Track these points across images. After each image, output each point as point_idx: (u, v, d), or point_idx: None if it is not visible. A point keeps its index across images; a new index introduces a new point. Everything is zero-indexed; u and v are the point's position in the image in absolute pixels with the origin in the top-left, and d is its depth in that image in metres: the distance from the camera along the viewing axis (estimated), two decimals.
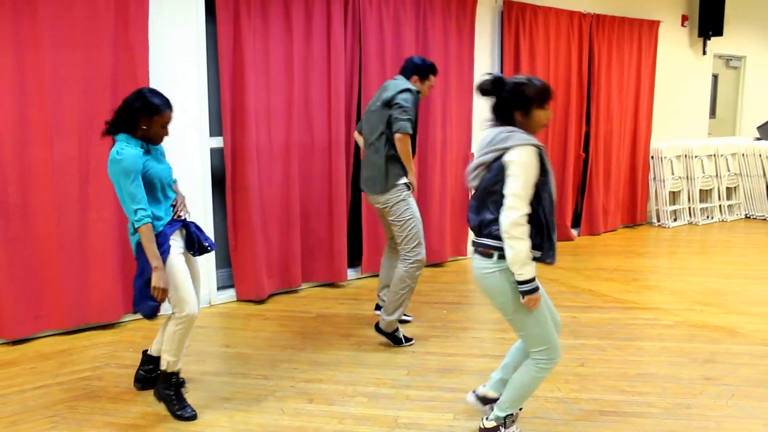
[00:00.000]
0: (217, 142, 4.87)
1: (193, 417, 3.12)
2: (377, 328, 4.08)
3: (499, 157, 2.52)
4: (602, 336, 4.20)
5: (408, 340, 4.10)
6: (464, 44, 5.88)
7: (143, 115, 2.94)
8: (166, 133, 3.03)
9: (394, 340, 4.07)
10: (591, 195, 7.18)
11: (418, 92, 4.00)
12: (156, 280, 2.88)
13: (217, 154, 4.92)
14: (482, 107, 6.24)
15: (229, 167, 4.81)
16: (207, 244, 3.23)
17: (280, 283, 5.18)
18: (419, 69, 4.07)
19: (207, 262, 4.87)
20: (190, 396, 3.33)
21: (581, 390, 3.42)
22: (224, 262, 5.09)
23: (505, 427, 2.78)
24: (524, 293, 2.50)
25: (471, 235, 5.92)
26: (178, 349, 3.10)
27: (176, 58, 4.57)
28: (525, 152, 2.47)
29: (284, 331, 4.38)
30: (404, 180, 3.96)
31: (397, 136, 3.85)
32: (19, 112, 3.97)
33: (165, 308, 3.18)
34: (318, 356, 3.93)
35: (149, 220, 2.91)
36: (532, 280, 2.49)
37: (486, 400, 2.98)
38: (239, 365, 3.81)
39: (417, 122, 3.96)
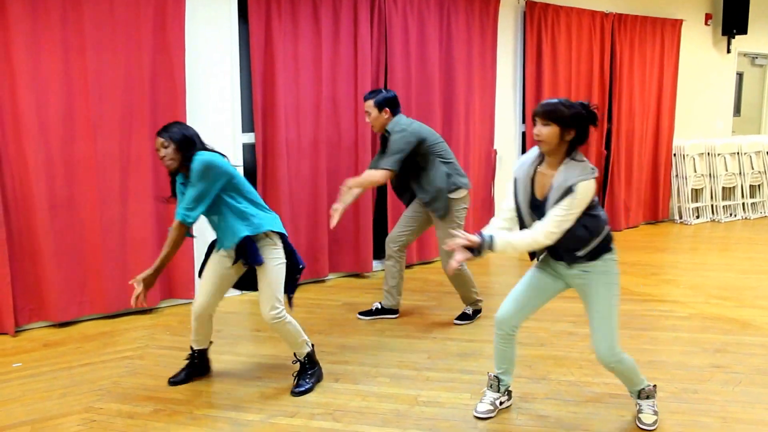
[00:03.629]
0: (249, 138, 5.11)
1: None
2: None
3: None
4: None
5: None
6: (487, 43, 6.06)
7: None
8: (161, 157, 3.16)
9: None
10: (612, 192, 7.30)
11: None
12: None
13: (249, 150, 5.17)
14: (504, 105, 6.40)
15: (260, 162, 5.05)
16: None
17: (308, 273, 5.41)
18: None
19: None
20: (225, 375, 3.59)
21: (594, 375, 3.58)
22: None
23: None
24: None
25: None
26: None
27: (211, 59, 4.82)
28: None
29: (313, 317, 4.60)
30: None
31: None
32: (66, 110, 4.25)
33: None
34: (344, 341, 4.15)
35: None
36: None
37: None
38: (270, 348, 4.04)
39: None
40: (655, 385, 3.11)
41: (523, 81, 6.47)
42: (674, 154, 7.89)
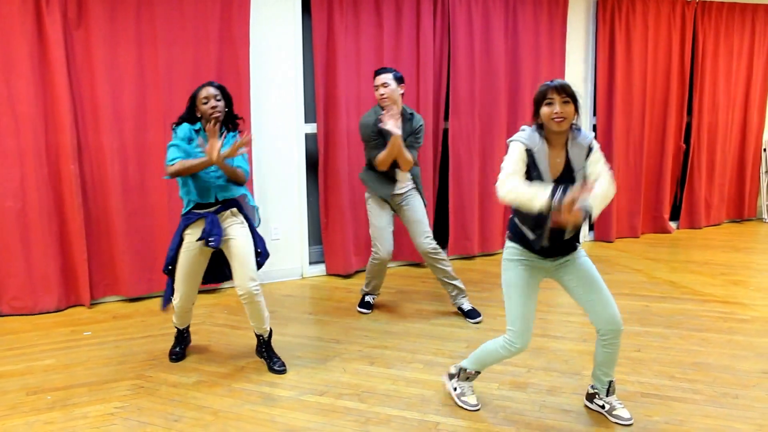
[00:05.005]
0: (312, 128, 5.30)
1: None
2: None
3: None
4: (668, 325, 4.23)
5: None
6: (556, 36, 5.96)
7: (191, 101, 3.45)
8: (213, 106, 3.34)
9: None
10: (692, 187, 7.00)
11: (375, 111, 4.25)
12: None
13: (311, 139, 5.36)
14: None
15: (321, 151, 5.23)
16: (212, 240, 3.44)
17: (366, 261, 5.55)
18: None
19: (300, 238, 5.35)
20: None
21: (630, 373, 3.52)
22: (316, 239, 5.55)
23: (457, 378, 3.19)
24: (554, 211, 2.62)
25: None
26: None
27: (275, 52, 5.04)
28: (512, 145, 2.79)
29: None
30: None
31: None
32: (139, 101, 4.58)
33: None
34: (389, 327, 4.27)
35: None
36: (549, 206, 2.60)
37: (589, 396, 3.17)
38: (316, 330, 4.23)
39: (372, 137, 4.22)
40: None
41: (595, 73, 6.32)
42: (764, 150, 7.45)
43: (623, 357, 3.73)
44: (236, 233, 3.48)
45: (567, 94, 2.69)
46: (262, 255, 3.58)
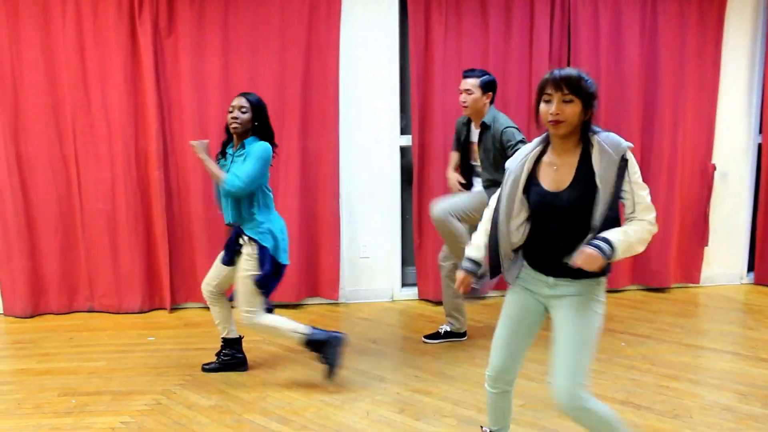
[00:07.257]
0: (407, 140, 4.95)
1: None
2: None
3: None
4: None
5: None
6: (708, 36, 4.98)
7: None
8: (233, 117, 3.42)
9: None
10: None
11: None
12: None
13: (407, 152, 5.01)
14: (732, 111, 5.22)
15: (416, 165, 4.86)
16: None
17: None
18: None
19: (392, 257, 5.03)
20: (303, 383, 3.56)
21: None
22: (410, 260, 5.17)
23: None
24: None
25: (706, 259, 4.96)
26: None
27: (368, 59, 4.77)
28: None
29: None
30: None
31: None
32: (224, 108, 4.48)
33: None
34: (448, 368, 3.79)
35: None
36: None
37: None
38: (368, 362, 3.88)
39: (461, 142, 4.11)
40: None
41: (763, 82, 5.20)
42: None
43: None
44: (239, 264, 3.50)
45: (570, 90, 2.08)
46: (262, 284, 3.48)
